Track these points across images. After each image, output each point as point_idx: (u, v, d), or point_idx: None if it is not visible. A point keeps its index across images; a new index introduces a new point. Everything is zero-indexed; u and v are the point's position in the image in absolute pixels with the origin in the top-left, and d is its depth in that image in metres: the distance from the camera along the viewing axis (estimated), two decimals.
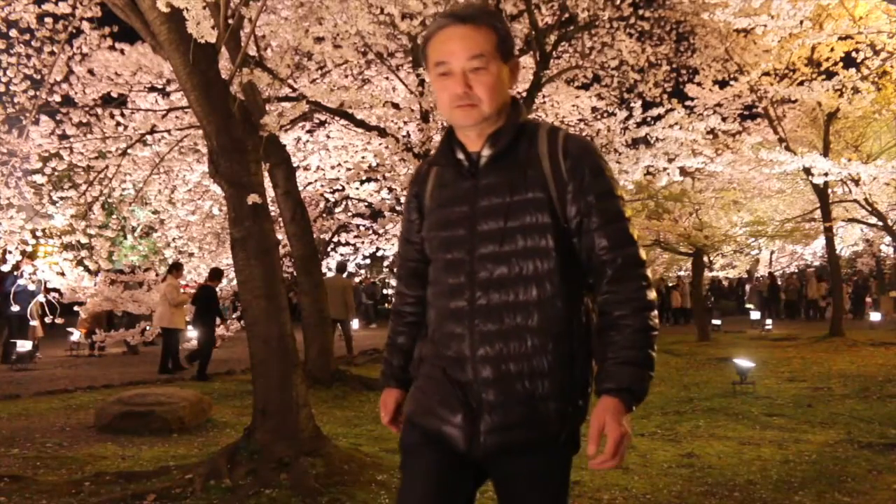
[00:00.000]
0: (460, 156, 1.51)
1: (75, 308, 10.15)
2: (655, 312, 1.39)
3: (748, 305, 23.28)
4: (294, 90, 6.99)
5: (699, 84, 10.52)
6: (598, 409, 1.34)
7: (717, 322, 16.74)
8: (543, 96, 9.88)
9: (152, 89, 7.72)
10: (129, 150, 7.17)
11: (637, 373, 1.35)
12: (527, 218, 1.41)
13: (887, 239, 18.63)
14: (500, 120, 1.48)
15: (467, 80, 1.43)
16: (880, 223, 13.54)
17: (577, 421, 1.45)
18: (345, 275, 12.20)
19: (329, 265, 13.26)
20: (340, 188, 11.41)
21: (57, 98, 6.80)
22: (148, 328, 9.92)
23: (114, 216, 9.45)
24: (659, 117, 8.85)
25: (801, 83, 10.93)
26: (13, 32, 6.37)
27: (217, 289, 9.73)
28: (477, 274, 1.43)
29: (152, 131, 7.31)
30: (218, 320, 9.70)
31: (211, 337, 9.33)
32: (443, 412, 1.45)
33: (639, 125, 9.26)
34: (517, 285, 1.41)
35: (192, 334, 10.30)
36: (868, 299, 21.82)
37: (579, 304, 1.46)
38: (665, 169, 9.00)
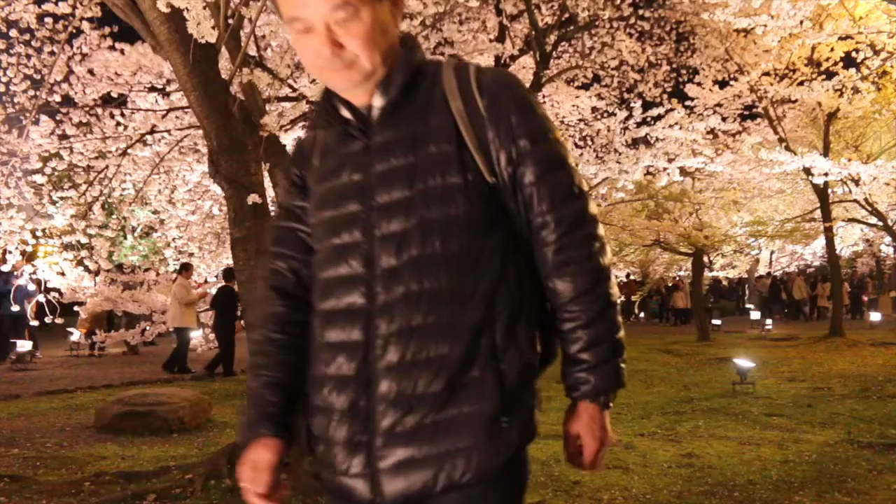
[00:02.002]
0: (346, 113, 1.18)
1: (75, 308, 10.15)
2: (613, 281, 1.14)
3: (748, 305, 23.30)
4: (294, 90, 6.99)
5: (699, 84, 10.52)
6: (570, 418, 1.15)
7: (717, 322, 16.73)
8: (543, 96, 9.87)
9: (152, 89, 7.72)
10: (129, 150, 7.16)
11: (611, 368, 1.13)
12: (439, 179, 1.09)
13: (887, 239, 18.63)
14: (388, 66, 1.14)
15: (333, 35, 1.08)
16: (880, 223, 13.54)
17: (520, 446, 1.13)
18: None
19: None
20: None
21: (57, 98, 6.79)
22: (148, 328, 9.91)
23: (114, 216, 9.45)
24: (659, 117, 8.85)
25: (801, 83, 10.93)
26: (13, 32, 6.37)
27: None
28: (377, 261, 1.10)
29: (152, 131, 7.31)
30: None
31: (233, 337, 9.36)
32: (338, 456, 1.11)
33: (639, 125, 9.26)
34: (432, 273, 1.07)
35: (196, 334, 10.30)
36: (864, 298, 21.83)
37: (523, 291, 1.14)
38: (665, 169, 9.00)
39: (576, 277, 1.12)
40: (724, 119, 9.75)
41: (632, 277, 24.65)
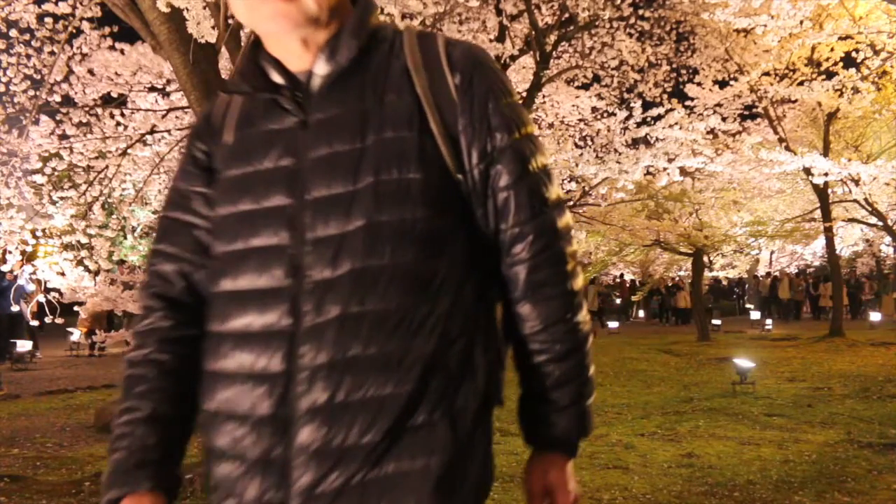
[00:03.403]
0: (278, 78, 0.92)
1: (75, 308, 10.14)
2: (585, 309, 0.97)
3: (748, 305, 23.29)
4: None
5: (699, 84, 10.52)
6: (534, 470, 0.96)
7: (716, 322, 16.73)
8: (543, 96, 9.87)
9: (152, 89, 7.72)
10: (129, 150, 7.16)
11: (582, 411, 0.95)
12: (393, 173, 0.87)
13: (887, 239, 18.63)
14: (336, 24, 0.92)
15: None
16: (880, 223, 13.54)
17: None
18: None
19: None
20: None
21: (57, 98, 6.80)
22: None
23: (114, 216, 9.45)
24: (659, 117, 8.85)
25: (801, 83, 10.94)
26: (13, 32, 6.38)
27: None
28: (307, 271, 0.86)
29: (152, 131, 7.31)
30: None
31: None
32: None
33: (639, 125, 9.27)
34: (378, 291, 0.85)
35: None
36: (861, 298, 21.84)
37: (480, 314, 0.93)
38: (665, 169, 9.00)
39: (551, 302, 0.93)
40: (723, 119, 9.76)
41: (626, 278, 24.69)
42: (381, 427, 0.83)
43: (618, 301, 23.83)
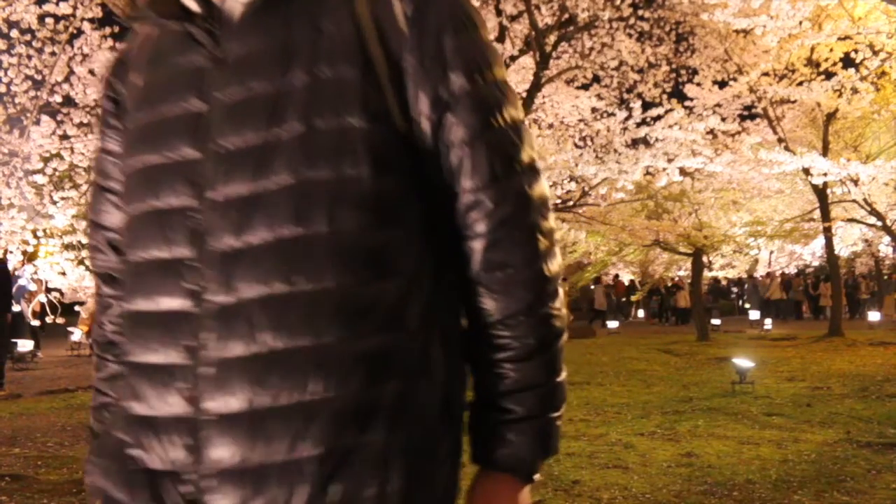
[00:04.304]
0: (191, 3, 0.75)
1: (76, 308, 10.16)
2: (562, 298, 0.78)
3: (745, 305, 23.32)
4: None
5: (698, 84, 10.55)
6: (475, 496, 0.76)
7: (716, 322, 16.76)
8: (543, 96, 9.89)
9: None
10: None
11: (544, 426, 0.76)
12: (328, 119, 0.69)
13: (886, 239, 18.67)
14: None
15: None
16: (879, 223, 13.57)
17: None
18: None
19: None
20: None
21: (58, 98, 6.81)
22: None
23: None
24: (658, 118, 8.88)
25: (801, 83, 10.96)
26: (14, 33, 6.39)
27: None
28: (210, 239, 0.70)
29: None
30: None
31: None
32: None
33: (638, 125, 9.29)
34: (308, 267, 0.68)
35: None
36: (858, 297, 21.89)
37: (443, 300, 0.76)
38: (664, 169, 9.02)
39: (511, 288, 0.74)
40: (723, 119, 9.80)
41: (621, 278, 24.71)
42: (316, 442, 0.66)
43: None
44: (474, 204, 0.75)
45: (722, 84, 10.68)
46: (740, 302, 25.58)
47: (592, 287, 21.98)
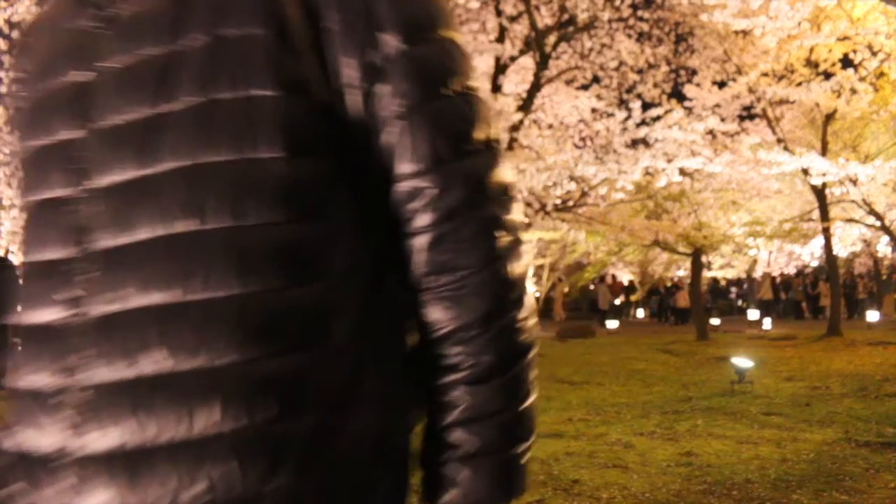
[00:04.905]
0: None
1: None
2: (530, 304, 0.64)
3: (741, 304, 23.37)
4: None
5: (698, 85, 10.58)
6: None
7: (715, 322, 16.79)
8: (543, 97, 9.91)
9: None
10: None
11: (501, 464, 0.62)
12: (217, 92, 0.57)
13: (885, 239, 18.70)
14: None
15: None
16: (878, 223, 13.60)
17: None
18: None
19: None
20: None
21: None
22: None
23: None
24: (658, 118, 8.90)
25: (800, 84, 10.99)
26: (15, 34, 6.40)
27: None
28: (92, 236, 0.58)
29: None
30: None
31: None
32: None
33: (638, 126, 9.31)
34: (203, 271, 0.55)
35: None
36: (856, 297, 21.94)
37: (386, 322, 0.63)
38: (664, 169, 9.05)
39: (464, 294, 0.60)
40: (722, 120, 9.82)
41: (619, 279, 24.75)
42: (208, 488, 0.53)
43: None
44: (415, 192, 0.60)
45: (721, 84, 10.71)
46: (740, 302, 25.62)
47: (593, 287, 22.01)
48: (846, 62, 10.70)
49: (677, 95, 9.82)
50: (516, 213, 0.64)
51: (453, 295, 0.61)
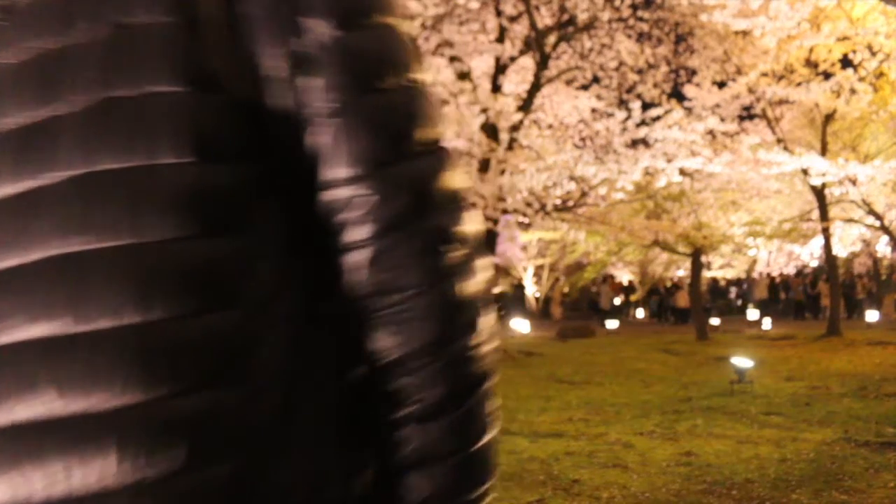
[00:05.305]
0: None
1: None
2: (483, 334, 0.55)
3: (738, 302, 23.40)
4: None
5: (698, 85, 10.60)
6: None
7: (715, 321, 16.81)
8: (543, 97, 9.91)
9: None
10: None
11: None
12: (115, 88, 0.48)
13: (884, 239, 18.72)
14: None
15: None
16: (877, 223, 13.62)
17: None
18: None
19: None
20: None
21: None
22: None
23: None
24: (658, 118, 8.91)
25: (799, 84, 11.01)
26: None
27: None
28: None
29: None
30: None
31: None
32: None
33: (638, 126, 9.33)
34: (85, 296, 0.46)
35: None
36: (855, 296, 21.97)
37: (320, 354, 0.54)
38: (663, 169, 9.06)
39: (409, 318, 0.53)
40: (722, 120, 9.84)
41: (618, 279, 24.77)
42: None
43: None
44: (350, 201, 0.52)
45: (721, 84, 10.72)
46: (739, 302, 25.65)
47: (595, 289, 22.03)
48: (846, 62, 10.71)
49: (677, 95, 9.85)
50: (469, 224, 0.56)
51: (396, 319, 0.53)
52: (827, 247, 14.02)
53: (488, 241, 10.48)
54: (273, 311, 0.51)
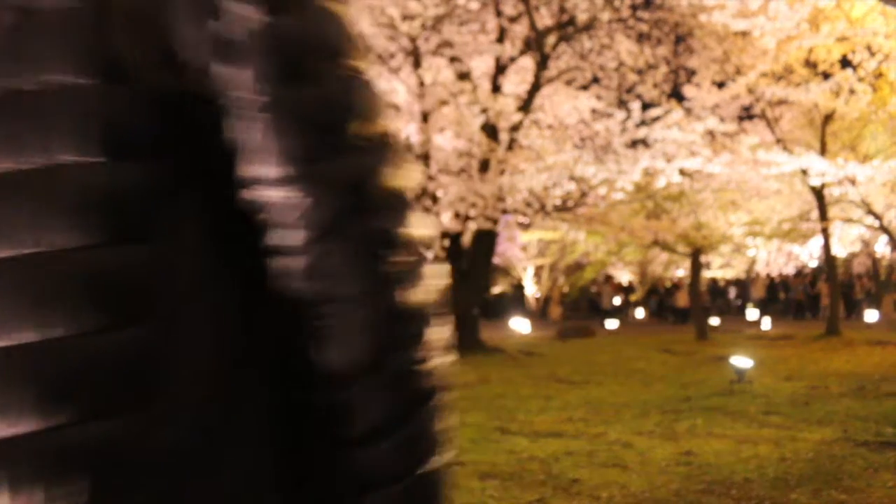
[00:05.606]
0: None
1: None
2: (430, 345, 0.49)
3: (736, 302, 23.42)
4: None
5: (697, 85, 10.62)
6: None
7: (714, 321, 16.82)
8: (543, 97, 9.93)
9: None
10: None
11: None
12: (13, 79, 0.44)
13: (883, 239, 18.75)
14: None
15: None
16: (877, 223, 13.64)
17: None
18: None
19: None
20: None
21: None
22: None
23: None
24: (657, 118, 8.93)
25: (798, 84, 11.03)
26: None
27: None
28: None
29: None
30: None
31: None
32: None
33: (637, 126, 9.34)
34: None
35: None
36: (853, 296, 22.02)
37: (243, 373, 0.48)
38: (663, 170, 9.08)
39: (346, 331, 0.48)
40: (721, 120, 9.86)
41: (615, 280, 24.78)
42: None
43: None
44: (281, 203, 0.47)
45: (720, 85, 10.74)
46: (739, 302, 25.68)
47: (595, 290, 22.02)
48: (845, 62, 10.73)
49: (677, 96, 9.86)
50: (413, 226, 0.50)
51: (332, 332, 0.47)
52: (826, 247, 14.03)
53: (488, 242, 10.49)
54: (190, 325, 0.46)
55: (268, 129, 0.46)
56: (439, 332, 0.51)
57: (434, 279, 0.51)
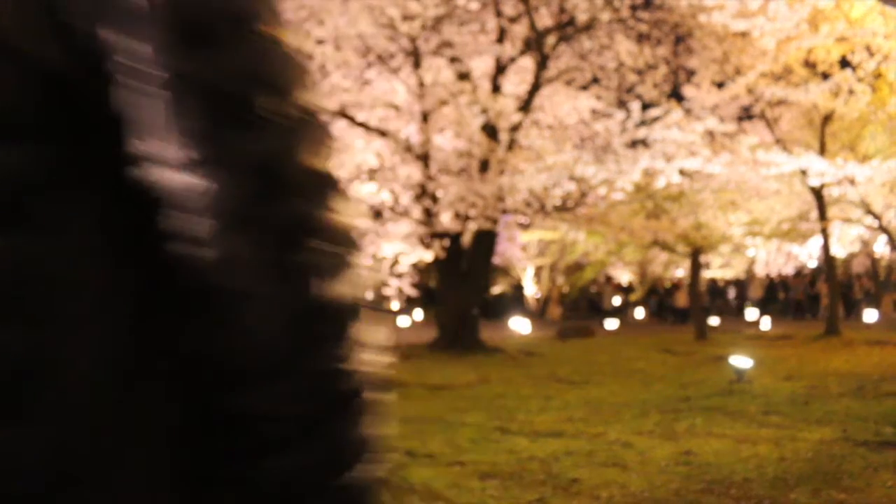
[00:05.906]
0: None
1: None
2: (355, 343, 0.44)
3: (734, 302, 23.43)
4: None
5: (697, 85, 10.63)
6: None
7: (714, 321, 16.83)
8: (542, 97, 9.94)
9: None
10: None
11: None
12: None
13: (882, 239, 18.76)
14: None
15: None
16: (876, 223, 13.65)
17: None
18: None
19: None
20: None
21: None
22: None
23: None
24: (657, 118, 8.94)
25: (798, 85, 11.04)
26: None
27: None
28: None
29: None
30: None
31: None
32: None
33: (637, 126, 9.35)
34: None
35: None
36: (853, 296, 22.02)
37: (152, 381, 0.43)
38: (663, 170, 9.09)
39: (258, 330, 0.43)
40: (721, 120, 9.87)
41: (615, 281, 24.78)
42: None
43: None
44: (184, 189, 0.41)
45: (720, 85, 10.76)
46: (739, 302, 25.68)
47: (596, 290, 22.02)
48: (844, 63, 10.74)
49: (676, 96, 9.87)
50: (338, 210, 0.45)
51: (247, 330, 0.43)
52: (825, 247, 14.05)
53: (488, 242, 10.50)
54: (77, 327, 0.41)
55: (169, 107, 0.41)
56: (369, 329, 0.46)
57: (358, 269, 0.46)
